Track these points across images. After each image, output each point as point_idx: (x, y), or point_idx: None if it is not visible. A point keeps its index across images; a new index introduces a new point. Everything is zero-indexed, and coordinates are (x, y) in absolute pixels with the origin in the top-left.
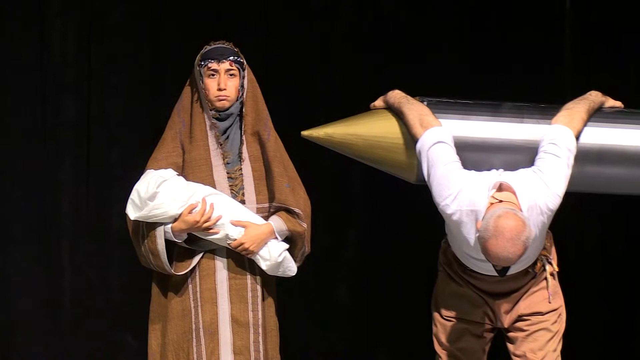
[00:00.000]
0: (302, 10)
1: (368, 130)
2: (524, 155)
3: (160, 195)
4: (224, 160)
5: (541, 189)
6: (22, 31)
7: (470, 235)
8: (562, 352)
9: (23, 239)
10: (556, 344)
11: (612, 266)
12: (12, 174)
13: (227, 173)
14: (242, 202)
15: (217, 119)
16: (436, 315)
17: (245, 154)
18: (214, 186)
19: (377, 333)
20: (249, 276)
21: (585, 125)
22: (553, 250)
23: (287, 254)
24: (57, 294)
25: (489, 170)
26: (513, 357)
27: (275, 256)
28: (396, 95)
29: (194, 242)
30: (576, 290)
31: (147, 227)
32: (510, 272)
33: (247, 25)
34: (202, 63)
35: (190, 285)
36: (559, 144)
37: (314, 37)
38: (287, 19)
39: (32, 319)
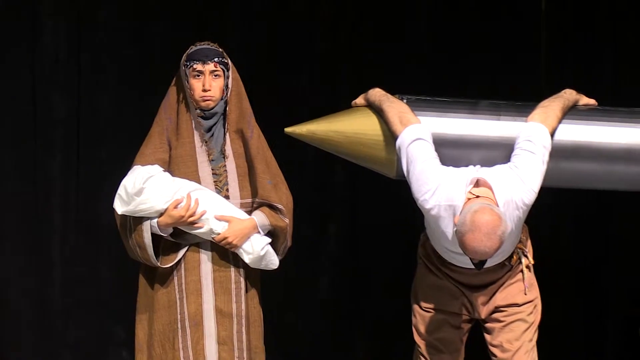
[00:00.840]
0: (285, 11)
1: (349, 127)
2: (500, 152)
3: (147, 190)
4: (208, 157)
5: (517, 185)
6: (13, 31)
7: (449, 229)
8: (538, 342)
9: (14, 232)
10: (532, 335)
11: (586, 259)
12: (4, 169)
13: (212, 169)
14: (226, 197)
15: (202, 117)
16: (415, 306)
17: (229, 151)
18: (198, 182)
19: (357, 324)
20: (232, 269)
21: (560, 122)
22: (529, 243)
23: (269, 247)
24: (47, 286)
25: (466, 166)
26: (490, 347)
27: (258, 250)
28: (376, 93)
29: (179, 235)
30: (551, 283)
31: (134, 221)
32: (487, 265)
33: (232, 26)
34: (188, 64)
35: (175, 277)
36: (535, 141)
37: (298, 37)
38: (272, 19)
39: (23, 310)
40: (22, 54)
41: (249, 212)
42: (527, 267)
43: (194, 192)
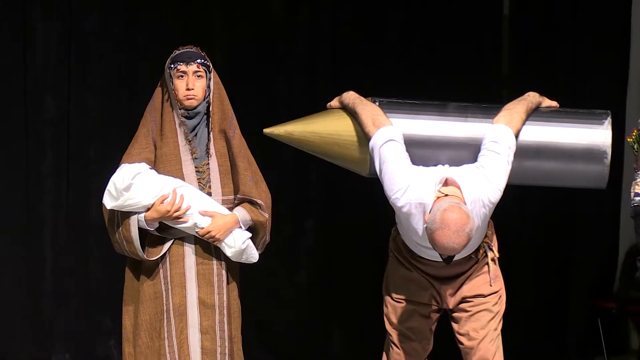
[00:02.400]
0: (264, 17)
1: (325, 128)
2: (467, 152)
3: (135, 186)
4: (192, 155)
5: (483, 184)
6: (6, 35)
7: (419, 225)
8: (502, 331)
9: (7, 227)
10: (497, 324)
11: (548, 252)
12: None
13: (195, 167)
14: (209, 194)
15: (186, 117)
16: (387, 297)
17: (212, 150)
18: (183, 179)
19: (332, 314)
20: (215, 262)
21: (524, 124)
22: (494, 238)
23: (250, 242)
24: (38, 278)
25: (435, 166)
26: (457, 335)
27: (239, 244)
28: (350, 96)
29: (164, 230)
30: (515, 275)
31: (122, 215)
32: (455, 258)
33: (214, 31)
34: (172, 65)
35: (161, 270)
36: (500, 142)
37: (276, 43)
38: (251, 25)
39: (16, 301)
40: (15, 57)
41: (231, 208)
42: (493, 260)
43: (179, 188)
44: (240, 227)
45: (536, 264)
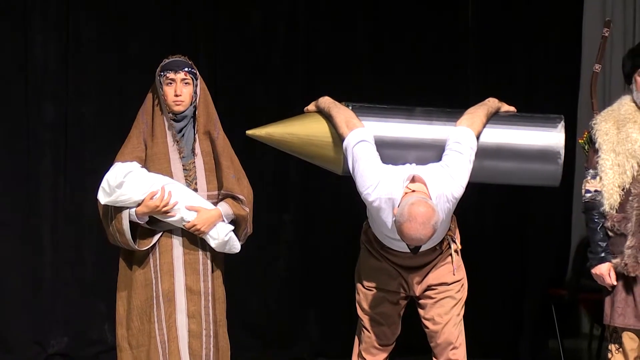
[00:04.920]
0: (245, 31)
1: (302, 130)
2: (433, 152)
3: (126, 184)
4: (180, 154)
5: (447, 181)
6: (8, 46)
7: (388, 219)
8: (464, 317)
9: (9, 222)
10: (459, 309)
11: (506, 244)
12: (0, 167)
13: (183, 165)
14: (195, 190)
15: (174, 120)
16: (359, 285)
17: (197, 150)
18: (171, 176)
19: (308, 300)
20: (200, 252)
21: (484, 126)
22: (457, 231)
23: (232, 234)
24: (39, 268)
25: (403, 164)
26: (423, 320)
27: (222, 236)
28: (326, 101)
29: (154, 223)
30: (476, 264)
31: (115, 210)
32: (422, 249)
33: (200, 42)
34: (162, 73)
35: (151, 260)
36: (462, 143)
37: (257, 53)
38: (233, 37)
39: (17, 288)
40: (16, 66)
41: (215, 203)
42: (456, 251)
43: (168, 185)
44: (224, 220)
45: (496, 255)
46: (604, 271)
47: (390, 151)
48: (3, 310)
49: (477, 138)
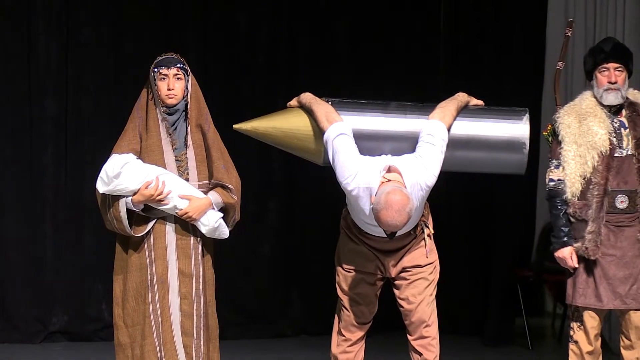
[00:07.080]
0: (232, 31)
1: (285, 124)
2: (407, 144)
3: (123, 174)
4: (172, 146)
5: (421, 171)
6: (13, 46)
7: (366, 206)
8: (436, 296)
9: (15, 208)
10: (432, 290)
11: (474, 229)
12: (5, 158)
13: (175, 157)
14: (187, 179)
15: (167, 113)
16: (338, 267)
17: (189, 142)
18: (164, 167)
19: (293, 282)
20: (192, 238)
21: (454, 119)
22: (430, 217)
23: (222, 221)
24: (41, 251)
25: (380, 155)
26: (398, 300)
27: (212, 222)
28: (307, 97)
29: (149, 210)
30: (447, 248)
31: (113, 198)
32: (397, 234)
33: (191, 41)
34: (155, 70)
35: (146, 245)
36: (435, 135)
37: (243, 52)
38: (222, 36)
39: (22, 270)
40: (20, 64)
41: (205, 192)
42: (429, 235)
43: (162, 175)
44: (214, 208)
45: (465, 239)
46: (567, 254)
47: (368, 143)
48: (8, 290)
49: (448, 130)
